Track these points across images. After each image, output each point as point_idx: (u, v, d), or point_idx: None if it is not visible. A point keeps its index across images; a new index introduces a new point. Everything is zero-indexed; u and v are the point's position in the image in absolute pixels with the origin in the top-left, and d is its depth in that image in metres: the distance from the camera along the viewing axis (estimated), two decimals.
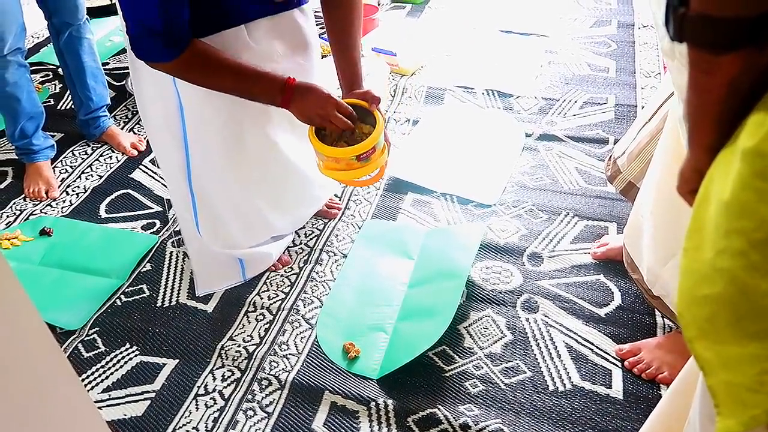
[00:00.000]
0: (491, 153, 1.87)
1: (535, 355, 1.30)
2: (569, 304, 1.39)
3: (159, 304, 1.44)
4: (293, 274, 1.51)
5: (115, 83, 2.28)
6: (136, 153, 1.94)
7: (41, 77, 2.37)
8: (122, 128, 2.06)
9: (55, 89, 2.30)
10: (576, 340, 1.32)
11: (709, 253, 0.44)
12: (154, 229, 1.66)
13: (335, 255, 1.55)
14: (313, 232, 1.62)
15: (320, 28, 2.26)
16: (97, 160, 1.94)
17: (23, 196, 1.79)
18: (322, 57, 2.34)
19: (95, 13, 2.63)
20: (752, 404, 0.41)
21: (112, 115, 2.11)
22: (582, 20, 2.61)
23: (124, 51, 2.45)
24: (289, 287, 1.48)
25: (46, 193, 1.78)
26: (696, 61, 0.46)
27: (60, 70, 2.32)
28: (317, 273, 1.51)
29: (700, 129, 0.49)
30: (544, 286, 1.44)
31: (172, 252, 1.58)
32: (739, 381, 0.42)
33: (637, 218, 1.25)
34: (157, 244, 1.60)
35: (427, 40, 2.44)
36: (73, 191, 1.82)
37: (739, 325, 0.42)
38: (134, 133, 2.04)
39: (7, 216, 1.72)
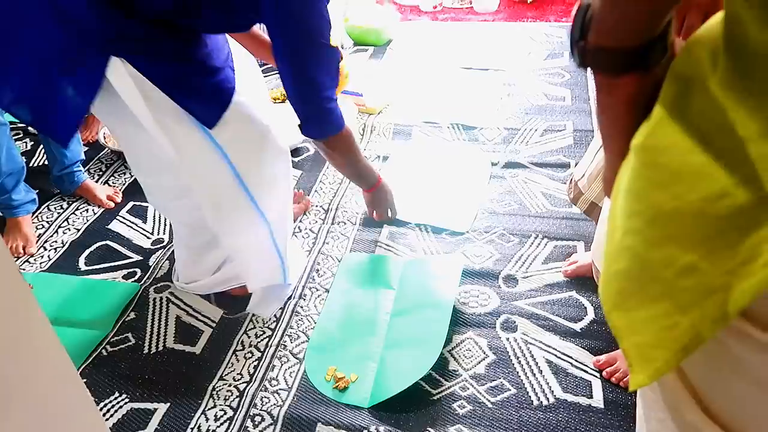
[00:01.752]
0: (460, 183, 1.95)
1: (517, 372, 1.35)
2: (546, 321, 1.45)
3: (146, 351, 1.45)
4: (278, 309, 1.54)
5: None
6: (112, 205, 1.96)
7: (12, 135, 2.38)
8: (97, 181, 2.08)
9: (26, 147, 2.32)
10: (555, 355, 1.37)
11: (618, 235, 0.52)
12: (136, 277, 1.67)
13: (318, 290, 1.59)
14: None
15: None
16: (73, 213, 1.96)
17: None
18: (276, 102, 2.43)
19: None
20: (654, 358, 0.47)
21: (86, 168, 2.13)
22: (536, 53, 2.75)
23: None
24: (275, 323, 1.50)
25: (24, 248, 1.79)
26: (599, 83, 0.54)
27: (31, 127, 2.34)
28: (301, 308, 1.54)
29: (611, 139, 0.58)
30: (520, 306, 1.50)
31: (155, 298, 1.59)
32: (643, 340, 0.49)
33: (602, 236, 1.32)
34: (140, 291, 1.61)
35: (392, 80, 2.54)
36: (51, 246, 1.82)
37: (641, 292, 0.49)
38: (109, 185, 2.07)
39: None
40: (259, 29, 1.49)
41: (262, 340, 1.46)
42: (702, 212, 0.43)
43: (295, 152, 2.16)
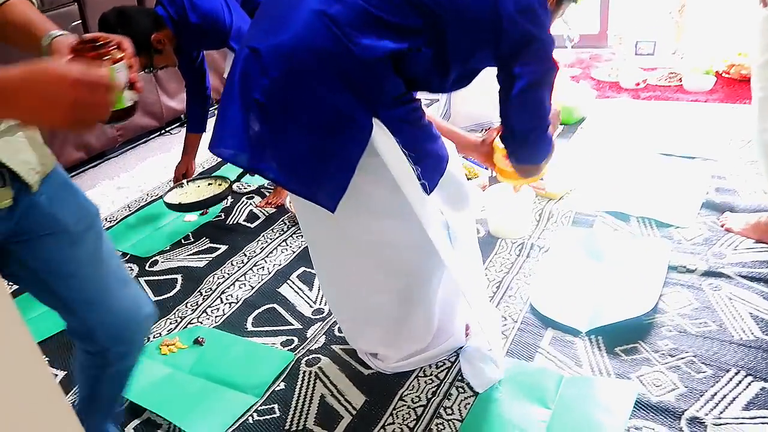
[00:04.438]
0: (635, 277, 1.73)
1: None
2: None
3: (287, 426, 1.46)
4: (420, 405, 1.46)
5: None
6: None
7: None
8: (274, 240, 2.22)
9: (227, 203, 2.57)
10: None
11: None
12: (292, 346, 1.71)
13: (465, 392, 1.48)
14: (444, 364, 1.56)
15: None
16: (251, 269, 2.10)
17: (186, 302, 1.97)
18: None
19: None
20: None
21: (270, 228, 2.30)
22: None
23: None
24: (415, 422, 1.42)
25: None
26: None
27: (235, 185, 2.60)
28: (444, 409, 1.44)
29: None
30: None
31: (305, 371, 1.61)
32: None
33: None
34: (293, 362, 1.64)
35: (578, 163, 2.37)
36: (227, 300, 1.96)
37: None
38: (285, 244, 2.19)
39: (170, 323, 1.90)
40: None
41: None
42: None
43: None
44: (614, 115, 2.83)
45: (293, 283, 2.00)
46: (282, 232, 2.31)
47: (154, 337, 1.83)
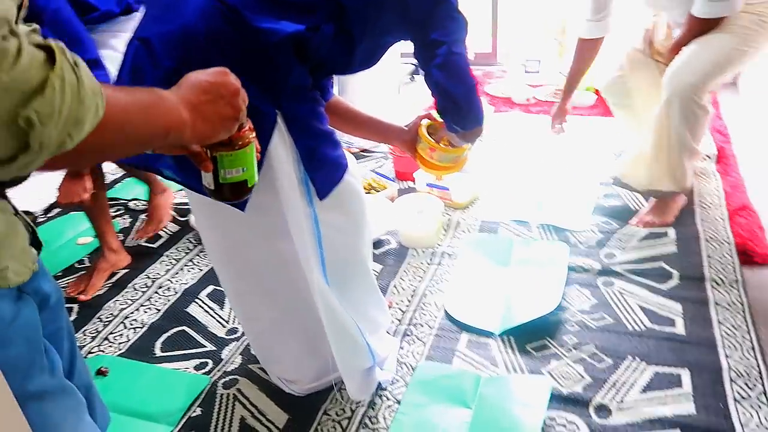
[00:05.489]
0: (539, 278, 1.83)
1: None
2: None
3: None
4: (345, 418, 1.45)
5: (180, 218, 2.40)
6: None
7: (113, 212, 2.51)
8: (180, 260, 2.13)
9: (125, 224, 2.43)
10: None
11: None
12: (206, 369, 1.64)
13: (388, 400, 1.49)
14: None
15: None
16: (156, 292, 1.99)
17: (83, 329, 1.83)
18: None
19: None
20: None
21: (175, 246, 2.20)
22: None
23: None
24: None
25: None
26: None
27: (131, 203, 2.48)
28: (369, 419, 1.44)
29: None
30: None
31: (222, 394, 1.55)
32: None
33: None
34: (208, 386, 1.58)
35: (481, 173, 2.48)
36: (131, 325, 1.85)
37: None
38: (193, 264, 2.10)
39: None
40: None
41: None
42: None
43: (376, 245, 2.12)
44: (509, 129, 3.01)
45: (203, 302, 1.92)
46: (188, 251, 2.21)
47: None
